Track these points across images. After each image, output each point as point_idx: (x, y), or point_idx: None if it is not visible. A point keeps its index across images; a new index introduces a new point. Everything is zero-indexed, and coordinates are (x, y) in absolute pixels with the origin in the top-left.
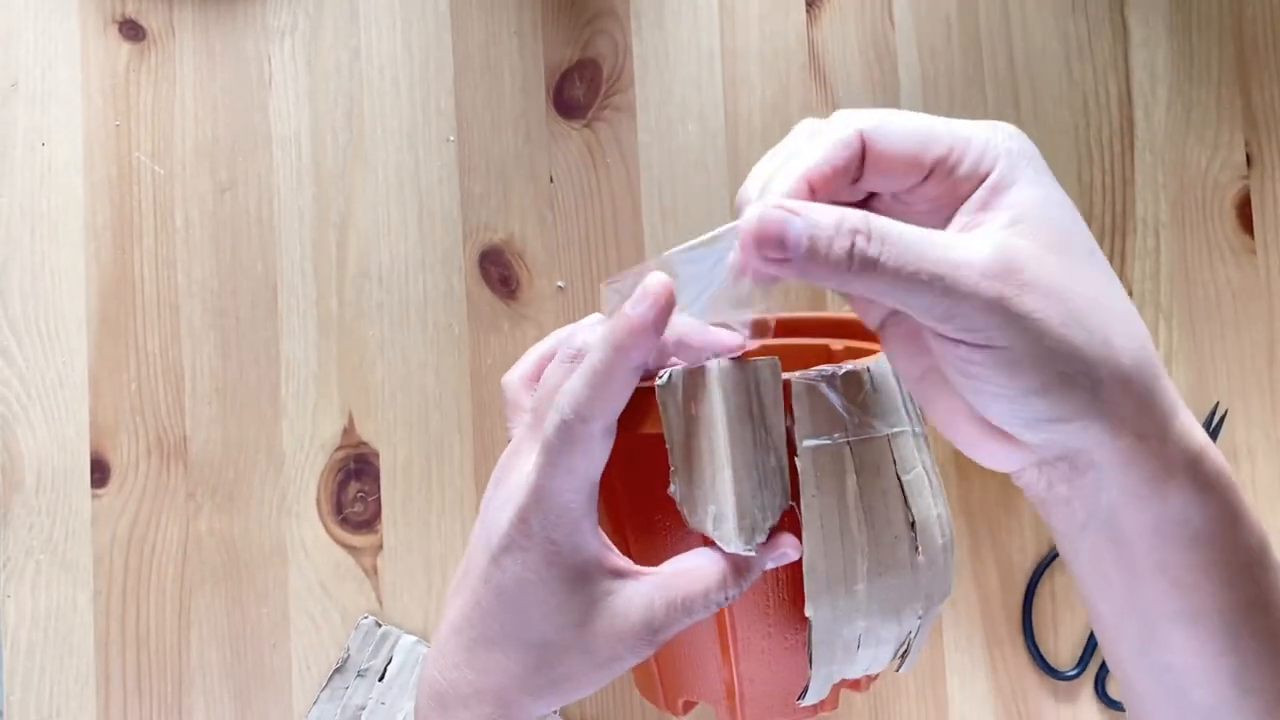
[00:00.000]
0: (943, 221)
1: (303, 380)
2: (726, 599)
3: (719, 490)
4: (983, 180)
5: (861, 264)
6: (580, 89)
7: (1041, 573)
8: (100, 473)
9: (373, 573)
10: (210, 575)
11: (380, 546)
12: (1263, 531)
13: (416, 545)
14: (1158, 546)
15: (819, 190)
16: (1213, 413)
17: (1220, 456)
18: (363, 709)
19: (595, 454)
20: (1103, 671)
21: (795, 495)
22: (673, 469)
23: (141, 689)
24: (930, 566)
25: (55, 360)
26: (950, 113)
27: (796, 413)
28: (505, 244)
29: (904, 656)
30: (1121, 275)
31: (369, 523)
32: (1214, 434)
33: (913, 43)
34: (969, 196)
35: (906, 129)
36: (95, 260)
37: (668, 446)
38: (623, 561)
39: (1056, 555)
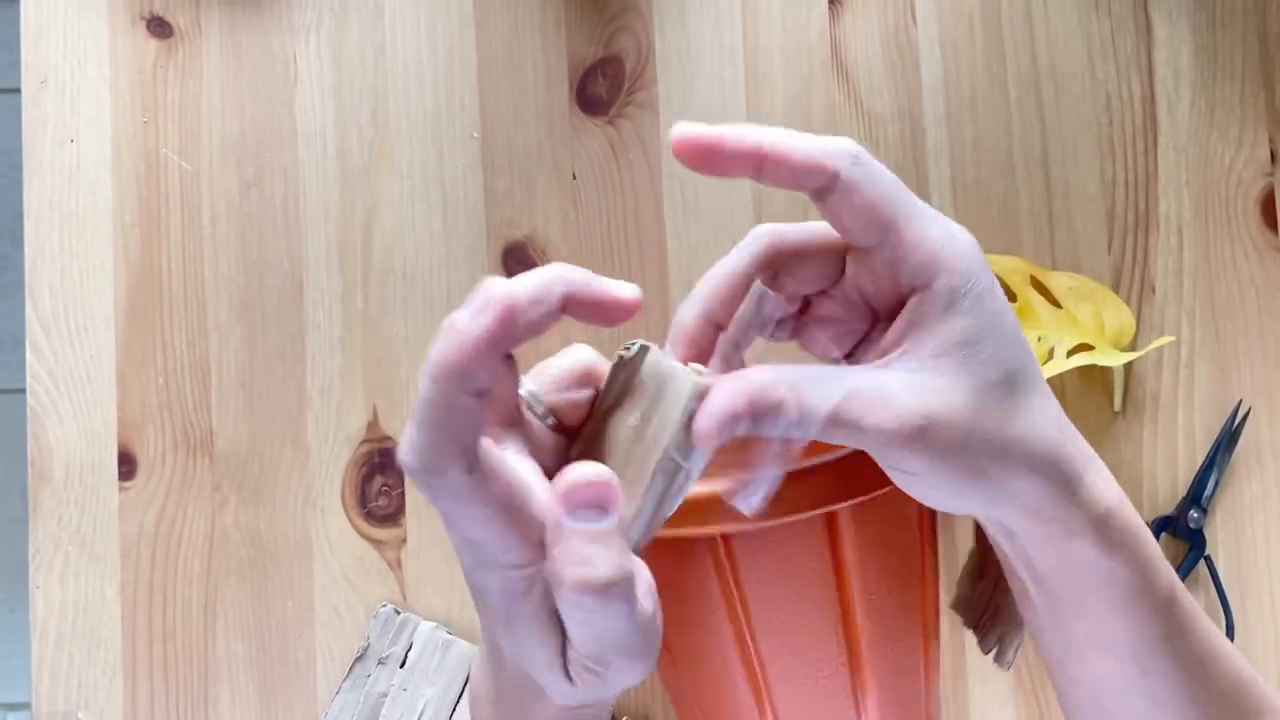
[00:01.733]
0: (870, 316)
1: (328, 375)
2: None
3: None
4: (920, 288)
5: (785, 427)
6: (603, 85)
7: None
8: (127, 466)
9: (396, 566)
10: (236, 568)
11: (404, 540)
12: (1171, 575)
13: (440, 539)
14: (1069, 586)
15: (767, 165)
16: (1235, 410)
17: (1130, 512)
18: (385, 696)
19: (471, 502)
20: None
21: None
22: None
23: (168, 680)
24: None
25: (84, 354)
26: (972, 108)
27: None
28: (528, 240)
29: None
30: (1144, 272)
31: (393, 516)
32: (1236, 432)
33: (935, 39)
34: (904, 297)
35: (871, 196)
36: (123, 256)
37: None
38: None
39: None
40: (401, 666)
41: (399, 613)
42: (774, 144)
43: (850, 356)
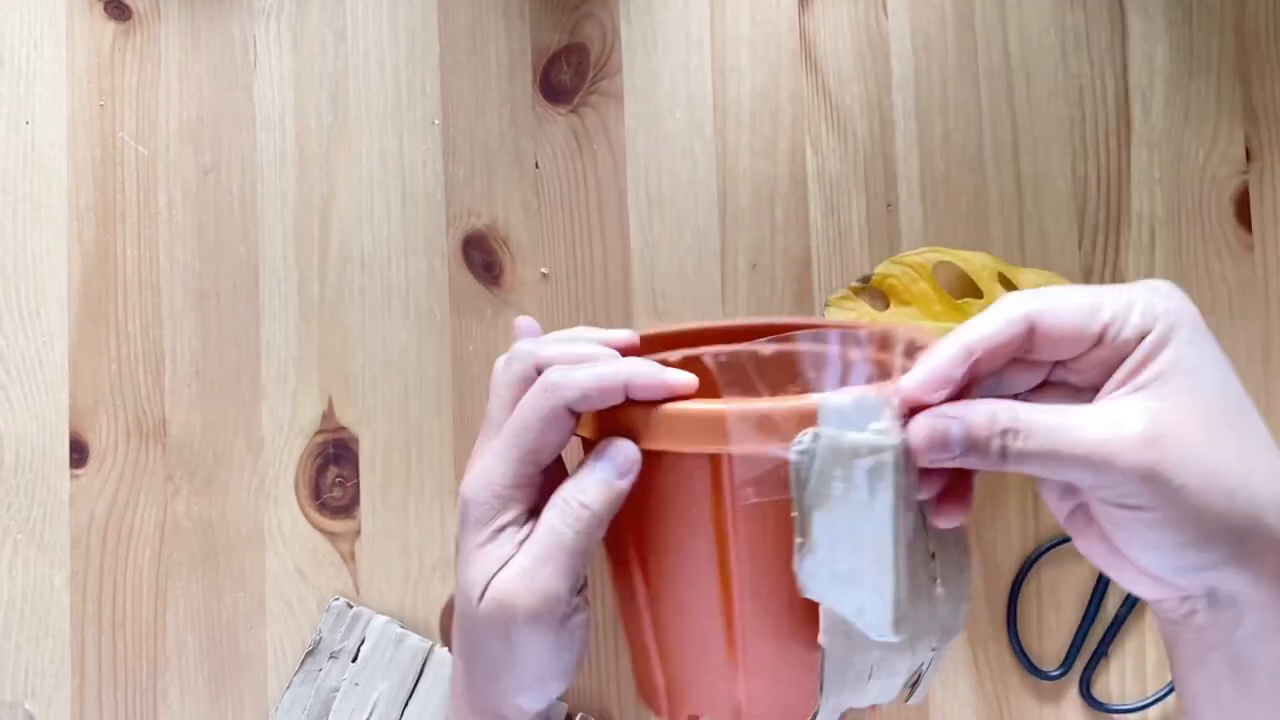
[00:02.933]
0: (1106, 377)
1: (283, 364)
2: None
3: (878, 578)
4: (1140, 340)
5: (1014, 456)
6: (567, 74)
7: (1027, 571)
8: (79, 453)
9: (350, 559)
10: (187, 558)
11: (358, 532)
12: None
13: (395, 531)
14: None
15: (980, 359)
16: None
17: None
18: (336, 691)
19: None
20: (1088, 671)
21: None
22: (799, 542)
23: (117, 671)
24: (947, 599)
25: (35, 340)
26: (943, 101)
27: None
28: (489, 229)
29: (913, 687)
30: (1115, 271)
31: (347, 508)
32: None
33: (906, 32)
34: (1129, 355)
35: (1070, 306)
36: (78, 240)
37: (795, 517)
38: None
39: (1042, 553)
40: (354, 661)
41: (351, 606)
42: (974, 342)
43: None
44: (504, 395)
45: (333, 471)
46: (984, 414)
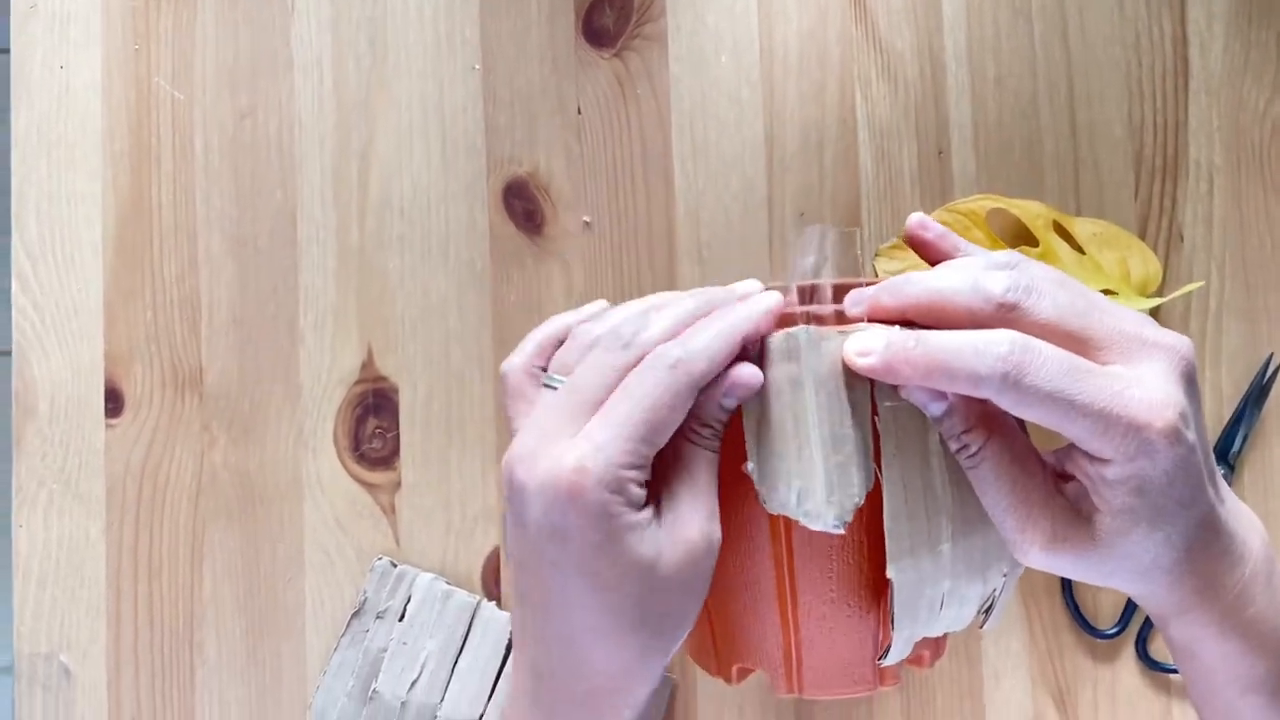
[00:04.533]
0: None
1: (321, 312)
2: None
3: (805, 465)
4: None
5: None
6: (610, 17)
7: None
8: (114, 402)
9: (390, 511)
10: (224, 509)
11: (398, 484)
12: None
13: (435, 484)
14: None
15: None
16: (1266, 365)
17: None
18: (384, 651)
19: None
20: (1145, 630)
21: (878, 459)
22: (749, 444)
23: (153, 622)
24: None
25: (70, 287)
26: (995, 45)
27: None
28: (530, 177)
29: (987, 613)
30: (1172, 220)
31: (387, 460)
32: (1266, 386)
33: None
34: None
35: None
36: (112, 186)
37: (743, 421)
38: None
39: None
40: (400, 620)
41: (395, 565)
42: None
43: None
44: (607, 369)
45: (372, 422)
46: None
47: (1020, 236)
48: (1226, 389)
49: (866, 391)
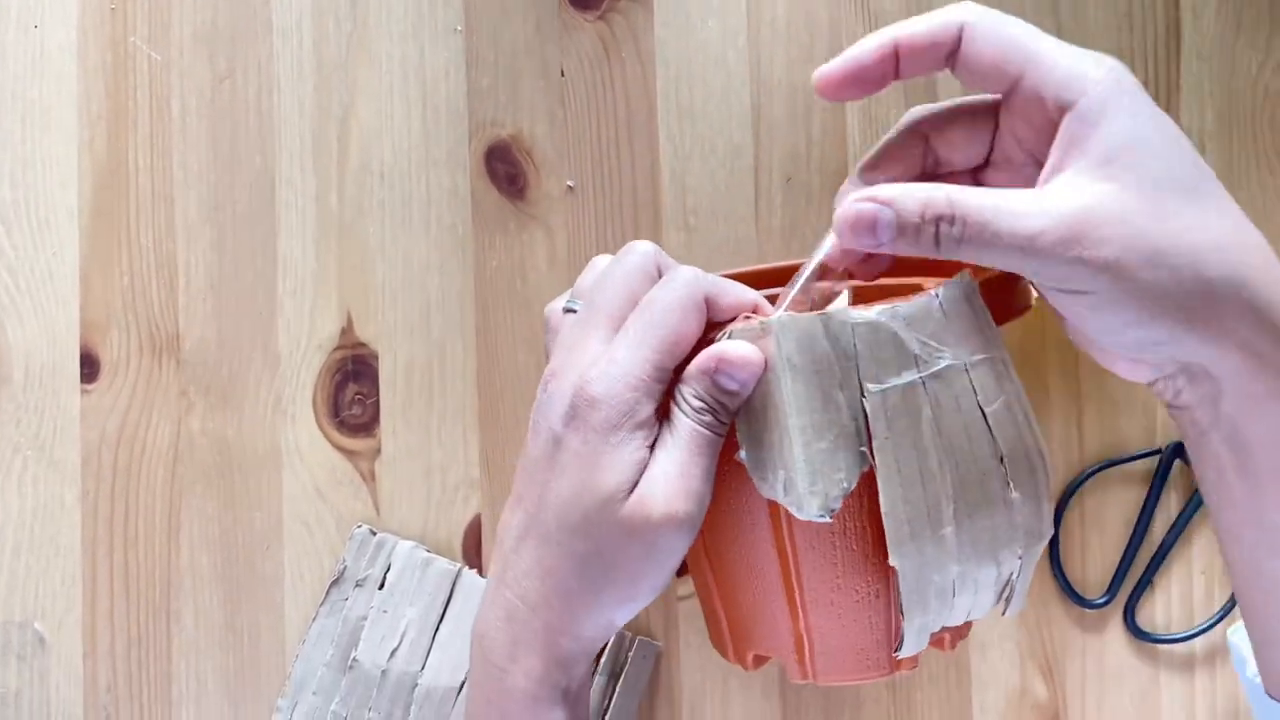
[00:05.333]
0: (1038, 166)
1: (300, 278)
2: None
3: (786, 454)
4: (1069, 105)
5: (946, 243)
6: None
7: (1070, 496)
8: (90, 368)
9: (370, 478)
10: (202, 476)
11: (378, 451)
12: None
13: (416, 451)
14: (1276, 455)
15: (902, 50)
16: None
17: None
18: (364, 619)
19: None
20: (1133, 600)
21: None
22: (739, 433)
23: (129, 591)
24: (1024, 502)
25: (45, 251)
26: (986, 7)
27: (861, 356)
28: (513, 140)
29: (1008, 600)
30: None
31: (366, 426)
32: None
33: None
34: (1051, 122)
35: (1001, 35)
36: (88, 149)
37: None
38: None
39: (1086, 478)
40: (380, 588)
41: (374, 533)
42: (899, 34)
43: None
44: (622, 287)
45: (352, 389)
46: (917, 199)
47: None
48: None
49: (853, 376)
